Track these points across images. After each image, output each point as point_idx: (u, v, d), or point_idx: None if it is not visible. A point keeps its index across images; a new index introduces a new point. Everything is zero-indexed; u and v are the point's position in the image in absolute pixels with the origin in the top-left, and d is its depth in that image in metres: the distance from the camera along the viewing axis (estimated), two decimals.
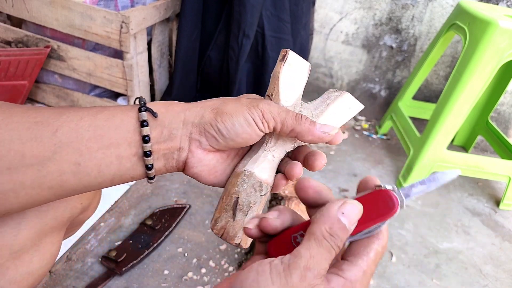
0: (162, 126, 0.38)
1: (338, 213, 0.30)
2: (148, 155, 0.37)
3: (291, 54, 0.41)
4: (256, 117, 0.38)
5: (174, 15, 1.42)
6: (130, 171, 0.38)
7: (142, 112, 0.37)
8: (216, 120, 0.38)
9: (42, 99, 1.37)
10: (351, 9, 1.60)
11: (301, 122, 0.38)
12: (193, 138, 0.39)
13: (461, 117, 1.17)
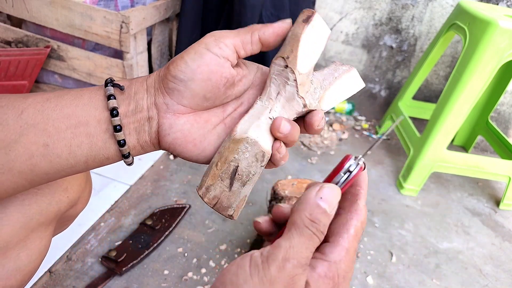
0: (129, 99, 0.37)
1: (316, 198, 0.30)
2: (118, 130, 0.36)
3: (317, 17, 0.37)
4: (211, 43, 0.35)
5: (174, 15, 1.42)
6: (102, 150, 0.36)
7: (108, 87, 0.36)
8: (169, 71, 0.35)
9: None
10: (351, 9, 1.60)
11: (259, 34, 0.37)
12: (158, 103, 0.36)
13: (461, 117, 1.17)
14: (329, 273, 0.30)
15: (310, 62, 0.38)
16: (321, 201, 0.30)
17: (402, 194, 1.30)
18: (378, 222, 1.15)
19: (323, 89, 0.39)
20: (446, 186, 1.39)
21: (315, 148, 1.48)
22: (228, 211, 0.38)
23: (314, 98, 0.39)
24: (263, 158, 0.38)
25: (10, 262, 0.44)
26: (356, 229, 0.33)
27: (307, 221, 0.29)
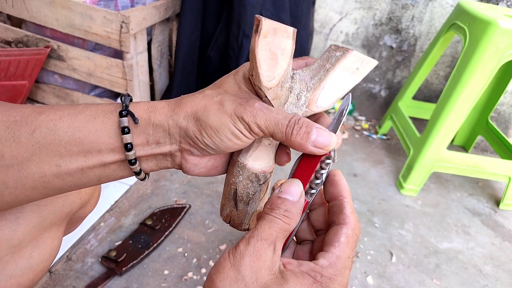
0: (147, 134, 0.36)
1: (277, 193, 0.33)
2: (133, 163, 0.36)
3: (265, 23, 0.33)
4: (243, 129, 0.34)
5: (174, 15, 1.42)
6: (116, 173, 0.37)
7: (122, 118, 0.35)
8: (201, 135, 0.35)
9: (42, 99, 1.37)
10: (351, 9, 1.60)
11: (290, 137, 0.33)
12: (183, 148, 0.36)
13: (461, 117, 1.17)
14: (311, 272, 0.32)
15: (277, 72, 0.34)
16: (281, 194, 0.33)
17: (402, 194, 1.30)
18: (378, 222, 1.15)
19: (311, 90, 0.36)
20: (446, 186, 1.39)
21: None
22: (243, 226, 0.40)
23: (298, 106, 0.36)
24: (258, 178, 0.38)
25: (23, 260, 0.45)
26: (347, 236, 0.34)
27: (267, 209, 0.33)
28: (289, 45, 0.34)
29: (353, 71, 0.35)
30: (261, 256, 0.31)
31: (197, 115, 0.35)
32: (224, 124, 0.34)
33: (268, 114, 0.33)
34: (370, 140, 1.62)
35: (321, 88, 0.35)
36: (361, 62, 0.36)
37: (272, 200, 0.33)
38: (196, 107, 0.35)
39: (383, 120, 1.67)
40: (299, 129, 0.33)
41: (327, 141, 0.33)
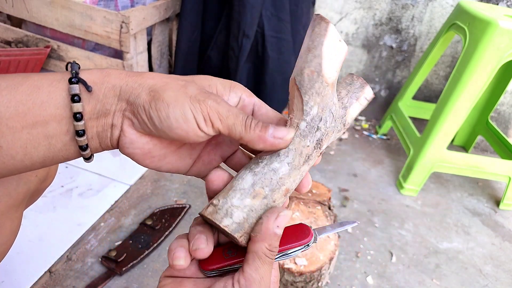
0: (96, 100, 0.33)
1: (274, 228, 0.32)
2: (81, 134, 0.33)
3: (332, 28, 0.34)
4: (199, 113, 0.32)
5: (174, 15, 1.42)
6: (62, 151, 0.34)
7: (73, 85, 0.32)
8: (149, 105, 0.32)
9: None
10: (351, 9, 1.60)
11: (250, 130, 0.32)
12: (126, 116, 0.33)
13: (461, 117, 1.17)
14: None
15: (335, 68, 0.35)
16: (277, 229, 0.32)
17: (402, 194, 1.30)
18: (378, 222, 1.15)
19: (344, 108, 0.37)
20: (446, 186, 1.39)
21: None
22: None
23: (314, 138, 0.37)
24: None
25: None
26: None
27: (267, 252, 0.32)
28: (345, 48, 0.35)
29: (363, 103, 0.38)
30: None
31: (154, 87, 0.32)
32: (179, 101, 0.31)
33: (231, 106, 0.33)
34: (370, 140, 1.62)
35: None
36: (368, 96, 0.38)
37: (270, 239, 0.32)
38: (157, 81, 0.33)
39: (383, 120, 1.67)
40: (257, 122, 0.33)
41: (285, 132, 0.33)
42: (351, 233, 1.09)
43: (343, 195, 1.24)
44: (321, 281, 0.83)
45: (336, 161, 1.42)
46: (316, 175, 1.31)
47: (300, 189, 0.38)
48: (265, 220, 0.32)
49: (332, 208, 0.97)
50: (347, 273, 0.95)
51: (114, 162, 1.18)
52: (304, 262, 0.79)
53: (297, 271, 0.78)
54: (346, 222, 0.39)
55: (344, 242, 1.04)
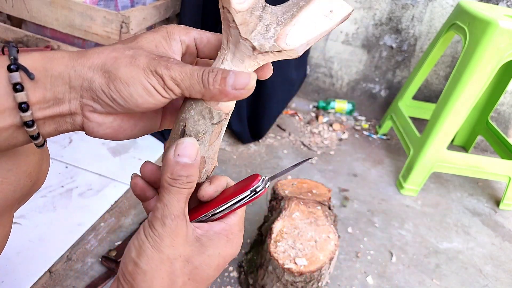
0: (44, 89, 0.31)
1: (174, 157, 0.32)
2: (30, 125, 0.31)
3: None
4: (156, 84, 0.31)
5: (174, 15, 1.42)
6: (9, 141, 0.32)
7: (13, 73, 0.29)
8: (109, 88, 0.31)
9: None
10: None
11: (209, 85, 0.31)
12: (84, 104, 0.32)
13: (461, 117, 1.17)
14: (223, 231, 0.36)
15: None
16: (179, 158, 0.32)
17: (402, 194, 1.30)
18: (378, 222, 1.15)
19: (282, 25, 0.33)
20: (446, 186, 1.39)
21: (315, 148, 1.48)
22: None
23: (266, 38, 0.33)
24: (211, 115, 0.34)
25: None
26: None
27: (170, 180, 0.32)
28: None
29: (327, 14, 0.33)
30: (178, 233, 0.33)
31: (105, 67, 0.31)
32: (136, 77, 0.31)
33: (182, 67, 0.31)
34: (370, 140, 1.62)
35: (292, 25, 0.33)
36: (335, 5, 0.33)
37: (171, 168, 0.32)
38: (105, 58, 0.31)
39: (383, 120, 1.67)
40: (215, 76, 0.31)
41: (246, 80, 0.31)
42: (351, 233, 1.09)
43: (343, 195, 1.24)
44: (321, 281, 0.83)
45: (336, 161, 1.42)
46: (316, 175, 1.31)
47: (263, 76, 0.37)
48: (167, 151, 0.33)
49: (332, 208, 0.97)
50: (347, 273, 0.95)
51: (114, 162, 1.18)
52: (304, 262, 0.79)
53: (297, 271, 0.78)
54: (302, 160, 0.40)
55: (344, 242, 1.04)
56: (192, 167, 0.33)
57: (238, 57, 0.34)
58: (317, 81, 1.79)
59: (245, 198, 0.36)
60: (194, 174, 0.33)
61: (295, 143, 1.49)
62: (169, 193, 0.33)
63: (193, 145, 0.33)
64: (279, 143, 1.47)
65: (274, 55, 0.34)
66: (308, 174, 1.31)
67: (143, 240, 0.33)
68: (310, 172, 1.33)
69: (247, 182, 0.36)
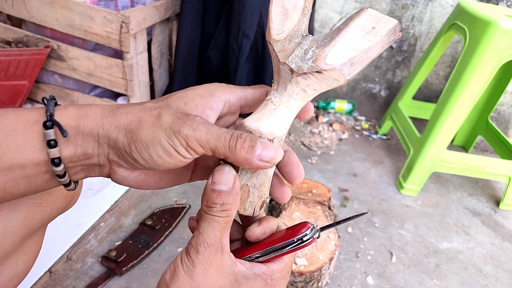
0: (75, 145, 0.32)
1: (211, 185, 0.32)
2: (62, 176, 0.33)
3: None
4: (178, 146, 0.30)
5: (174, 15, 1.42)
6: (44, 186, 0.34)
7: (48, 130, 0.31)
8: (130, 149, 0.31)
9: None
10: (351, 9, 1.60)
11: (235, 152, 0.30)
12: (111, 159, 0.33)
13: (461, 117, 1.17)
14: (263, 275, 0.34)
15: (286, 26, 0.33)
16: (215, 186, 0.32)
17: (402, 194, 1.30)
18: (378, 222, 1.15)
19: (321, 47, 0.32)
20: (446, 186, 1.39)
21: (315, 148, 1.48)
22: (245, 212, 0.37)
23: (304, 60, 0.32)
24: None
25: (8, 270, 0.44)
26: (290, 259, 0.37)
27: (206, 208, 0.33)
28: (301, 2, 0.34)
29: (368, 31, 0.32)
30: (212, 262, 0.32)
31: (129, 127, 0.31)
32: (157, 139, 0.30)
33: (209, 128, 0.30)
34: (370, 140, 1.62)
35: (331, 46, 0.32)
36: (377, 21, 0.32)
37: (207, 196, 0.32)
38: (131, 118, 0.32)
39: (383, 120, 1.67)
40: (242, 143, 0.30)
41: (273, 154, 0.30)
42: (351, 233, 1.09)
43: (343, 195, 1.24)
44: (321, 281, 0.83)
45: (336, 161, 1.42)
46: (316, 175, 1.31)
47: (292, 180, 0.36)
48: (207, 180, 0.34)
49: (332, 208, 0.97)
50: (347, 273, 0.95)
51: None
52: (304, 262, 0.79)
53: (297, 271, 0.78)
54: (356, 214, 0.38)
55: (344, 242, 1.04)
56: (227, 194, 0.32)
57: (282, 85, 0.33)
58: None
59: (290, 246, 0.35)
60: (231, 202, 0.32)
61: (295, 143, 1.49)
62: (204, 221, 0.33)
63: (229, 172, 0.32)
64: None
65: (317, 78, 0.32)
66: (308, 174, 1.31)
67: (178, 264, 0.33)
68: (310, 172, 1.33)
69: (296, 229, 0.35)
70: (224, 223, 0.33)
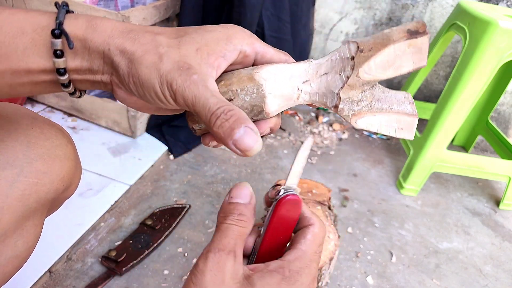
0: (82, 58, 0.32)
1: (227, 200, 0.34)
2: (66, 86, 0.33)
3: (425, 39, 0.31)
4: (168, 96, 0.31)
5: (174, 15, 1.42)
6: (50, 91, 0.34)
7: (55, 40, 0.30)
8: (128, 79, 0.31)
9: (42, 99, 1.37)
10: (351, 9, 1.60)
11: (213, 125, 0.29)
12: (113, 80, 0.33)
13: (461, 117, 1.17)
14: (279, 269, 0.32)
15: (379, 74, 0.32)
16: (231, 199, 0.33)
17: (402, 194, 1.30)
18: (378, 222, 1.15)
19: (369, 109, 0.34)
20: (446, 186, 1.39)
21: (315, 148, 1.48)
22: None
23: (350, 108, 0.34)
24: (258, 114, 0.34)
25: (8, 250, 0.44)
26: (313, 234, 0.35)
27: (221, 219, 0.33)
28: (407, 69, 0.33)
29: (399, 127, 0.36)
30: (222, 268, 0.31)
31: (133, 57, 0.31)
32: (151, 81, 0.30)
33: (200, 91, 0.29)
34: (370, 140, 1.62)
35: (374, 114, 0.35)
36: (409, 128, 0.35)
37: (224, 208, 0.33)
38: (137, 48, 0.31)
39: None
40: (224, 121, 0.28)
41: (250, 144, 0.28)
42: (351, 233, 1.09)
43: (343, 195, 1.24)
44: (321, 281, 0.83)
45: (336, 161, 1.42)
46: (316, 175, 1.31)
47: None
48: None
49: (332, 208, 0.97)
50: (347, 273, 0.95)
51: (114, 162, 1.18)
52: None
53: None
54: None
55: (344, 242, 1.04)
56: (244, 206, 0.33)
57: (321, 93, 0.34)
58: None
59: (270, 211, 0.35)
60: (247, 214, 0.33)
61: (295, 143, 1.49)
62: (218, 230, 0.33)
63: (246, 189, 0.34)
64: (279, 143, 1.47)
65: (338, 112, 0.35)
66: (308, 174, 1.31)
67: (190, 277, 0.32)
68: (310, 172, 1.33)
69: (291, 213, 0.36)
70: (239, 233, 0.32)
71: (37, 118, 0.47)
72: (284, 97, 0.34)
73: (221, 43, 0.33)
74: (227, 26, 0.34)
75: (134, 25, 0.33)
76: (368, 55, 0.31)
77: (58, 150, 0.46)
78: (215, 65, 0.32)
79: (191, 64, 0.31)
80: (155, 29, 0.33)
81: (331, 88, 0.33)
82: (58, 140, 0.47)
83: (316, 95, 0.34)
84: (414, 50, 0.31)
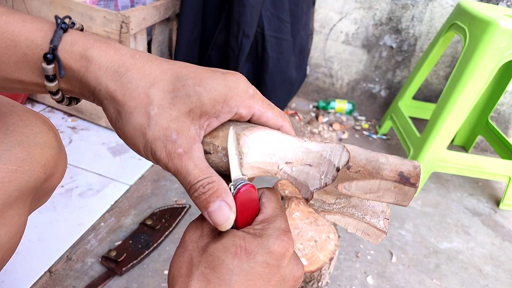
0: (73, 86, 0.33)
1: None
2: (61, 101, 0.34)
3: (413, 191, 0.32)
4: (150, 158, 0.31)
5: (174, 15, 1.42)
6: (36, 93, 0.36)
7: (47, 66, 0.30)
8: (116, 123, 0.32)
9: (42, 99, 1.37)
10: (351, 9, 1.60)
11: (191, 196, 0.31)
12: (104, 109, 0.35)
13: (461, 117, 1.17)
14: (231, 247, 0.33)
15: (357, 193, 0.32)
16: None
17: None
18: None
19: (340, 211, 0.34)
20: (446, 186, 1.39)
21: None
22: None
23: (321, 206, 0.34)
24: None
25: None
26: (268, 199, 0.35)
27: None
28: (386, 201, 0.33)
29: (366, 232, 0.36)
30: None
31: (122, 109, 0.30)
32: (135, 141, 0.31)
33: (183, 164, 0.30)
34: (370, 140, 1.62)
35: (344, 215, 0.35)
36: (376, 235, 0.35)
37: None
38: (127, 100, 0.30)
39: (383, 120, 1.67)
40: (201, 194, 0.30)
41: (222, 220, 0.30)
42: (351, 233, 1.09)
43: None
44: (321, 281, 0.83)
45: None
46: None
47: None
48: None
49: None
50: (347, 273, 0.95)
51: (114, 162, 1.18)
52: (304, 262, 0.79)
53: None
54: None
55: (344, 242, 1.04)
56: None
57: (299, 181, 0.33)
58: (317, 81, 1.79)
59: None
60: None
61: None
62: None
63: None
64: None
65: (308, 205, 0.34)
66: None
67: None
68: None
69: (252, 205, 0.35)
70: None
71: (15, 105, 0.47)
72: (262, 170, 0.34)
73: (217, 106, 0.32)
74: (229, 79, 0.33)
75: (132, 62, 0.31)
76: (353, 176, 0.31)
77: (38, 138, 0.46)
78: (205, 125, 0.32)
79: (178, 132, 0.30)
80: (152, 71, 0.31)
81: (308, 183, 0.33)
82: (37, 127, 0.46)
83: (294, 180, 0.34)
84: (399, 191, 0.31)
